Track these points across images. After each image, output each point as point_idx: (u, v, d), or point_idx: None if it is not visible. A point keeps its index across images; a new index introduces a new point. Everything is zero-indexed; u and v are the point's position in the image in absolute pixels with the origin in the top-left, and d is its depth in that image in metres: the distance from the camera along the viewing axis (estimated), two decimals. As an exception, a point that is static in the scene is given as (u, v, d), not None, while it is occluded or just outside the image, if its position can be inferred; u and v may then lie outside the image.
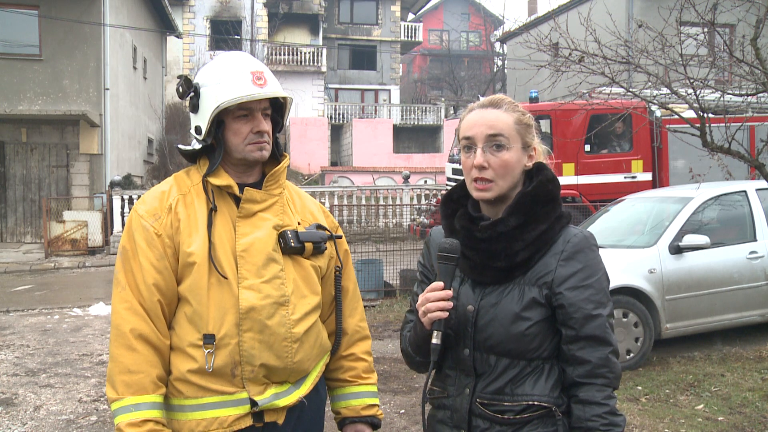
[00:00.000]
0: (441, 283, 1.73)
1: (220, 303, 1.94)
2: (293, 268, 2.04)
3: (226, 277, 1.94)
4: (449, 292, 1.72)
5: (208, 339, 1.93)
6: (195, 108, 2.03)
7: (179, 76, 2.07)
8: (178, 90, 2.05)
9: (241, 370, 1.95)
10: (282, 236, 2.03)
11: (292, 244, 2.03)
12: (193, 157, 2.11)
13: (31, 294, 11.68)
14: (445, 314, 1.71)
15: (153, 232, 1.96)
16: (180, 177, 2.09)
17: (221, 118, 1.99)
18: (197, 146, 2.05)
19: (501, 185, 1.77)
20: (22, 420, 5.36)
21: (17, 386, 6.20)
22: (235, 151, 2.02)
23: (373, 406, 2.24)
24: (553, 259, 1.75)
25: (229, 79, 1.98)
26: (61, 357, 7.24)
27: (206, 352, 1.93)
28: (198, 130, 2.02)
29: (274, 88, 2.02)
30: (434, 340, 1.72)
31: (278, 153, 2.14)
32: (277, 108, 2.11)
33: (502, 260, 1.76)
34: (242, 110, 1.99)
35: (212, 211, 1.99)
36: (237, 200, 2.03)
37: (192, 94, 2.02)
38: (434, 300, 1.72)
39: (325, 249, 2.12)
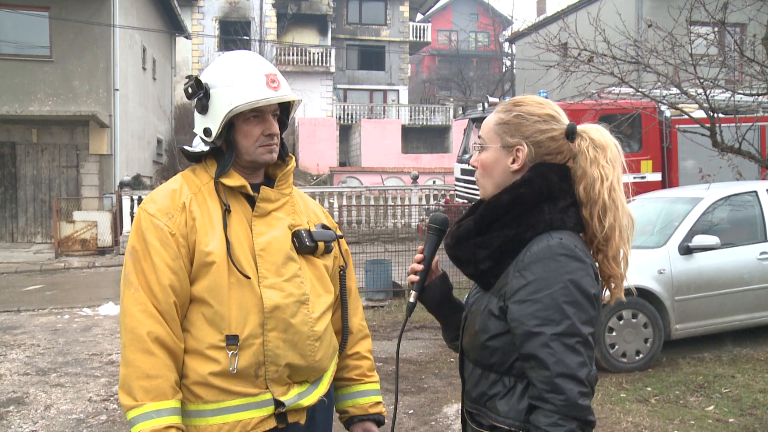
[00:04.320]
0: (420, 247, 1.91)
1: (241, 303, 1.90)
2: (308, 267, 2.04)
3: (248, 277, 1.91)
4: (420, 256, 1.89)
5: (232, 340, 1.89)
6: (204, 109, 1.98)
7: (188, 76, 2.02)
8: (186, 90, 1.99)
9: (264, 370, 1.92)
10: (296, 235, 2.03)
11: (307, 243, 2.03)
12: (197, 159, 2.07)
13: (42, 294, 11.74)
14: (416, 278, 1.88)
15: (167, 231, 1.90)
16: (188, 176, 2.04)
17: (231, 120, 1.96)
18: (205, 148, 2.01)
19: (484, 185, 1.79)
20: (33, 419, 5.39)
21: (28, 385, 6.24)
22: (245, 153, 2.00)
23: (379, 403, 2.26)
24: (513, 268, 1.66)
25: (244, 81, 1.95)
26: (72, 356, 7.27)
27: (230, 353, 1.88)
28: (207, 132, 1.98)
29: (287, 90, 2.02)
30: (410, 299, 1.90)
31: (284, 153, 2.12)
32: (283, 109, 2.11)
33: (469, 267, 1.74)
34: (254, 112, 1.96)
35: (226, 211, 1.96)
36: (249, 200, 2.02)
37: (201, 94, 1.97)
38: (413, 264, 1.91)
39: (332, 248, 2.13)
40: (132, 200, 16.73)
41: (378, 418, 2.24)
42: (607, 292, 1.77)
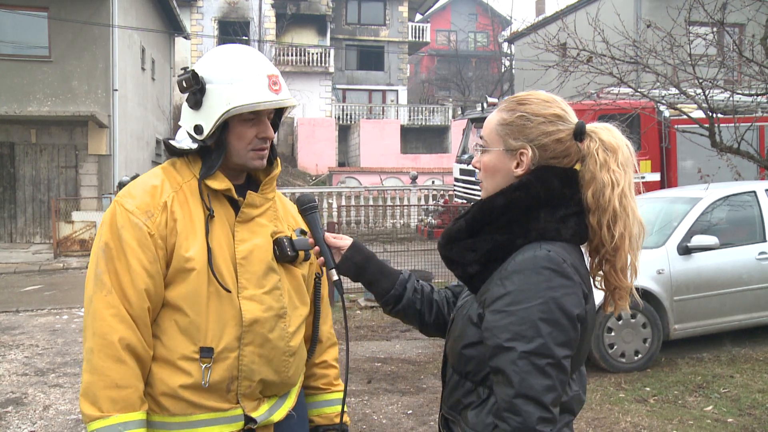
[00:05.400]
0: (308, 233, 1.90)
1: (219, 314, 1.81)
2: (286, 278, 1.96)
3: (229, 291, 1.82)
4: (311, 240, 1.87)
5: (206, 352, 1.79)
6: (197, 105, 1.85)
7: (183, 68, 1.88)
8: (181, 83, 1.85)
9: (237, 385, 1.84)
10: (278, 243, 1.93)
11: (289, 253, 1.93)
12: (179, 153, 1.94)
13: (41, 294, 11.73)
14: (322, 259, 1.83)
15: (146, 232, 1.78)
16: (169, 171, 1.91)
17: (225, 120, 1.84)
18: (193, 146, 1.88)
19: (486, 187, 1.67)
20: (31, 419, 5.38)
21: (27, 386, 6.23)
22: (235, 155, 1.89)
23: (344, 413, 2.18)
24: (496, 275, 1.55)
25: (245, 80, 1.83)
26: (70, 357, 7.27)
27: (203, 366, 1.78)
28: (198, 129, 1.85)
29: (287, 94, 1.92)
30: (333, 278, 1.84)
31: (272, 156, 2.01)
32: (276, 110, 2.00)
33: (458, 270, 1.65)
34: (251, 114, 1.86)
35: (209, 216, 1.85)
36: (232, 202, 1.91)
37: (197, 89, 1.84)
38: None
39: (310, 256, 2.02)
40: (131, 200, 16.71)
41: (343, 428, 2.13)
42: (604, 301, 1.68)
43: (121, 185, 16.66)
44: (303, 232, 2.02)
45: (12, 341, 7.96)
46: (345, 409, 2.09)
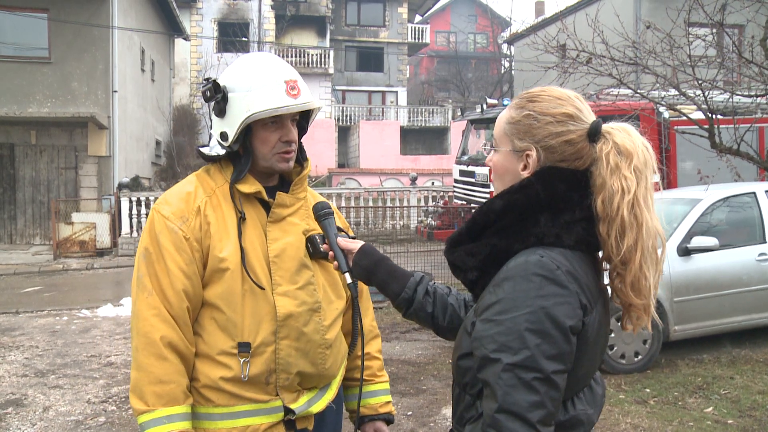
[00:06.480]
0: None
1: (255, 311, 1.91)
2: (321, 273, 2.05)
3: (263, 288, 1.91)
4: (326, 246, 1.91)
5: (244, 347, 1.90)
6: (221, 113, 1.96)
7: (206, 79, 2.00)
8: (204, 93, 1.97)
9: (275, 377, 1.94)
10: (310, 240, 2.01)
11: (321, 249, 1.99)
12: (212, 159, 2.06)
13: (40, 295, 11.73)
14: (335, 263, 1.86)
15: (182, 236, 1.89)
16: (203, 177, 2.03)
17: (249, 125, 1.95)
18: (221, 152, 1.99)
19: (496, 188, 1.61)
20: (31, 421, 5.38)
21: (27, 387, 6.23)
22: (261, 159, 1.98)
23: (389, 403, 2.28)
24: (492, 283, 1.48)
25: (262, 87, 1.92)
26: (70, 358, 7.27)
27: (242, 360, 1.89)
28: (224, 136, 1.96)
29: (307, 97, 1.99)
30: (348, 281, 1.86)
31: (302, 158, 2.12)
32: (303, 112, 2.09)
33: (460, 275, 1.58)
34: (272, 118, 1.96)
35: (241, 219, 1.95)
36: (264, 204, 2.01)
37: (219, 98, 1.95)
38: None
39: None
40: (131, 202, 16.71)
41: (388, 417, 2.26)
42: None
43: (121, 186, 16.69)
44: (339, 229, 2.06)
45: (12, 342, 7.96)
46: (389, 399, 2.27)
